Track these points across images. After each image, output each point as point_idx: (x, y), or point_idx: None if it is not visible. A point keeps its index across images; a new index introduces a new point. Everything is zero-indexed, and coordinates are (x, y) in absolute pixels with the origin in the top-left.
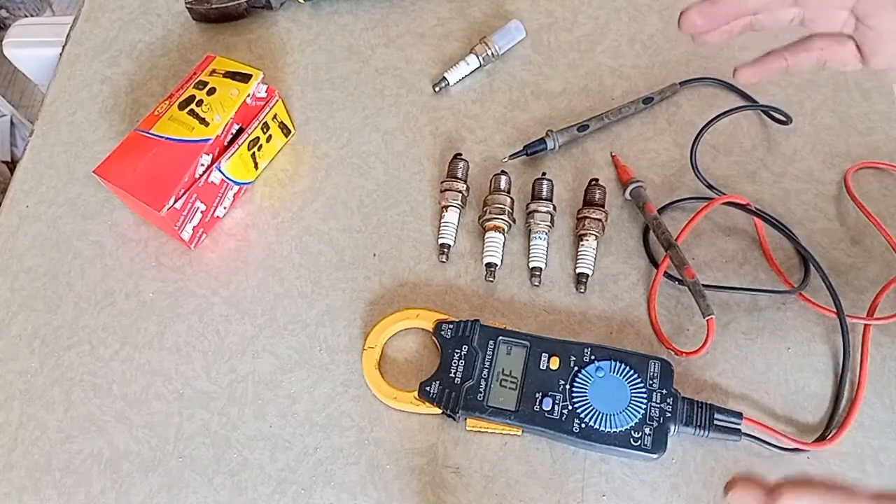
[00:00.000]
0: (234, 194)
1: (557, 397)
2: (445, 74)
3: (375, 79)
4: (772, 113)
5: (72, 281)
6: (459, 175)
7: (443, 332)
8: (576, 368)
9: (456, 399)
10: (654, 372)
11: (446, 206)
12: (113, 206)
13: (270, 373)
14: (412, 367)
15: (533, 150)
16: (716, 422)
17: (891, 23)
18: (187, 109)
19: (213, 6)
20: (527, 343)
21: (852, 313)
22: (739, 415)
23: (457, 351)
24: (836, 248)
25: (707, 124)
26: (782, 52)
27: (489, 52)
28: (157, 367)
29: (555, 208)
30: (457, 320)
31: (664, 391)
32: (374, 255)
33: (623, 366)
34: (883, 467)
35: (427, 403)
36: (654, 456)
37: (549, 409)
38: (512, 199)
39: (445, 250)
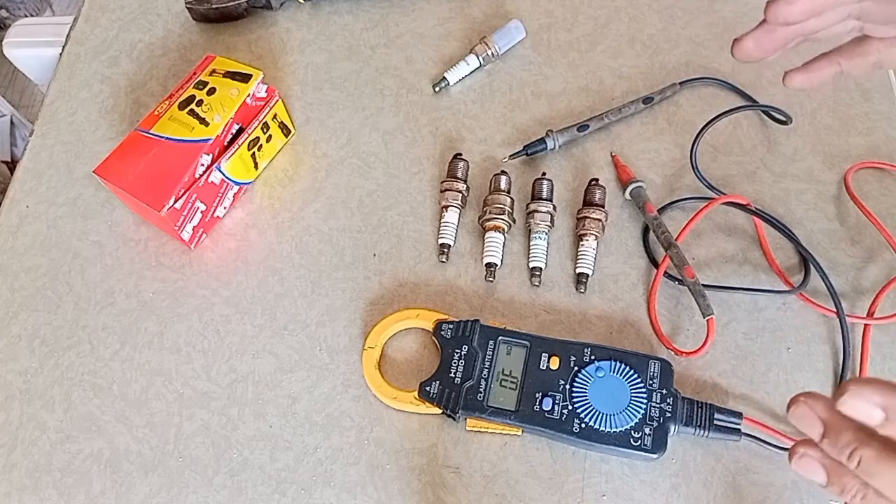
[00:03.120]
0: (234, 194)
1: (557, 397)
2: (445, 74)
3: (375, 79)
4: (772, 113)
5: (72, 281)
6: (459, 175)
7: (443, 332)
8: (576, 368)
9: (456, 399)
10: (654, 372)
11: (446, 206)
12: (113, 206)
13: (270, 373)
14: (412, 367)
15: (533, 150)
16: (716, 422)
17: None
18: (187, 109)
19: (213, 6)
20: (527, 343)
21: (852, 313)
22: (739, 415)
23: (457, 351)
24: (836, 248)
25: (707, 124)
26: (835, 56)
27: (489, 52)
28: (157, 367)
29: (555, 208)
30: (457, 320)
31: (664, 391)
32: (374, 255)
33: (623, 366)
34: None
35: (427, 403)
36: (654, 456)
37: (549, 409)
38: (512, 199)
39: (445, 250)
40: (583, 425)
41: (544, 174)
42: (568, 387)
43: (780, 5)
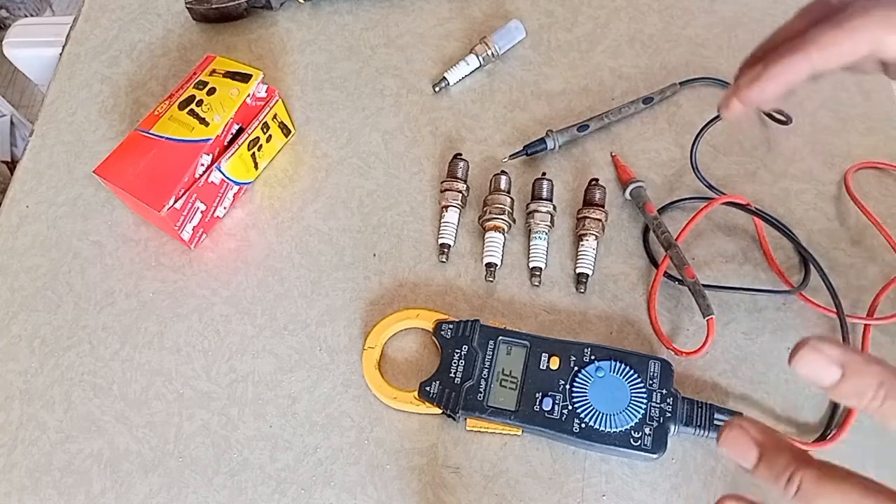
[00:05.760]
0: (234, 194)
1: (557, 397)
2: (445, 74)
3: (375, 79)
4: (772, 113)
5: (72, 281)
6: (459, 175)
7: (443, 332)
8: (576, 368)
9: (456, 399)
10: (654, 372)
11: (446, 206)
12: (113, 206)
13: (270, 373)
14: (412, 367)
15: (533, 150)
16: (716, 422)
17: None
18: (187, 109)
19: (213, 6)
20: (527, 343)
21: (852, 313)
22: (739, 415)
23: (457, 351)
24: (836, 248)
25: (707, 124)
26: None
27: (489, 52)
28: (157, 367)
29: (555, 208)
30: (457, 320)
31: (664, 391)
32: (374, 255)
33: (623, 366)
34: (883, 467)
35: (427, 403)
36: (654, 456)
37: (549, 409)
38: (512, 199)
39: (445, 250)
40: (583, 425)
41: (544, 174)
42: (568, 387)
43: (752, 92)
